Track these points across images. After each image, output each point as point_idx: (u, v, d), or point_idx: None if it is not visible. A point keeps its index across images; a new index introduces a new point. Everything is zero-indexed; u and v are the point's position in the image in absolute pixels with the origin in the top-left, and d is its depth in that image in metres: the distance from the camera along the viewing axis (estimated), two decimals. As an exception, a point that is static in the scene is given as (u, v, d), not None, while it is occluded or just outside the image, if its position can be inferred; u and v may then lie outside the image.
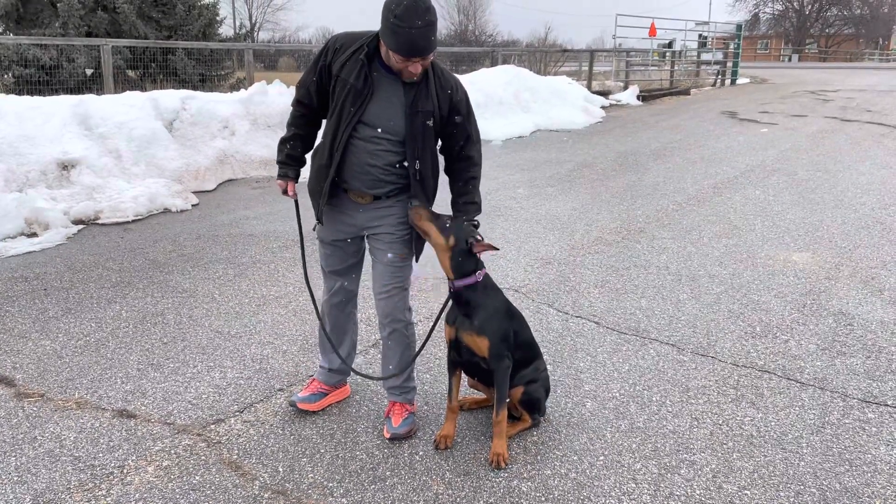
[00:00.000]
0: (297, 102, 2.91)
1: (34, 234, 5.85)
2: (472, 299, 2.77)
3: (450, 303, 2.88)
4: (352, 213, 2.89)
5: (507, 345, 2.79)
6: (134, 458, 2.79)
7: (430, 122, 2.73)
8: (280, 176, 2.94)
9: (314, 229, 3.00)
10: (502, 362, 2.77)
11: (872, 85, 23.01)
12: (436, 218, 2.75)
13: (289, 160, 2.92)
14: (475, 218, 2.87)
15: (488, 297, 2.80)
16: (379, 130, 2.73)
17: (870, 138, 11.41)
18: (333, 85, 2.74)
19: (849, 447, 2.91)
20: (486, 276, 2.83)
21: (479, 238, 2.75)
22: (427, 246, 2.92)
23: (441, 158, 2.91)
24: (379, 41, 2.67)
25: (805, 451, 2.88)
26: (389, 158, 2.77)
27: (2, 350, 3.74)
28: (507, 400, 2.84)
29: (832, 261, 5.27)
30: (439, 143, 2.88)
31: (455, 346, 2.84)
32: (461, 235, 2.73)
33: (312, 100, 2.86)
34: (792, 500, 2.58)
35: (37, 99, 7.73)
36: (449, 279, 2.79)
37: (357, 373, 3.11)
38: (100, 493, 2.58)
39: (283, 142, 2.94)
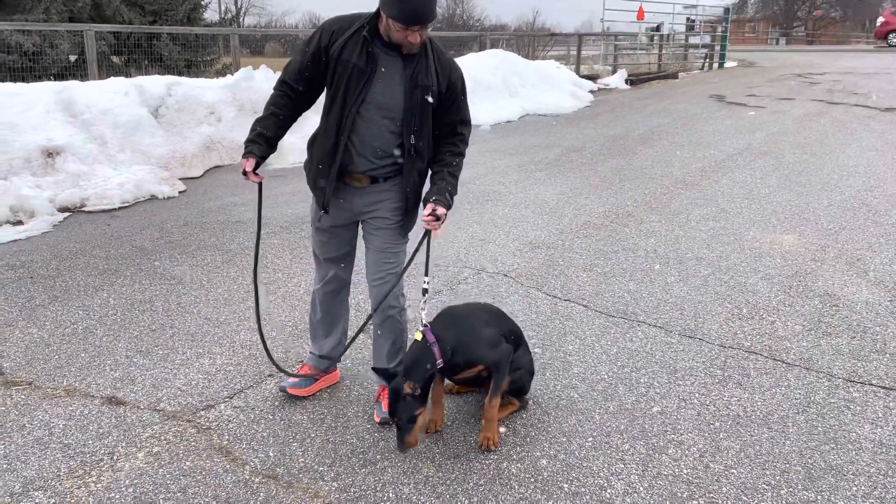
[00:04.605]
0: (283, 83, 2.80)
1: (20, 222, 5.81)
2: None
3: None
4: (349, 198, 2.87)
5: (499, 344, 2.83)
6: (124, 444, 2.79)
7: (430, 98, 2.71)
8: (245, 154, 2.74)
9: (319, 220, 2.94)
10: (497, 353, 2.79)
11: (859, 68, 23.09)
12: (412, 427, 2.59)
13: (258, 139, 2.76)
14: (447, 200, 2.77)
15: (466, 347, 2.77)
16: (383, 109, 2.70)
17: (856, 121, 11.47)
18: (333, 68, 2.69)
19: (833, 426, 2.95)
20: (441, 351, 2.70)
21: (412, 387, 2.59)
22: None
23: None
24: (377, 20, 2.65)
25: (791, 430, 2.92)
26: (390, 138, 2.75)
27: (-11, 338, 3.72)
28: (502, 388, 2.84)
29: (818, 243, 5.31)
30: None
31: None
32: (418, 376, 2.61)
33: (300, 82, 2.78)
34: (778, 478, 2.61)
35: (20, 85, 7.64)
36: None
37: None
38: (90, 479, 2.58)
39: (257, 121, 2.80)
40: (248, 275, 4.66)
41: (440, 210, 2.70)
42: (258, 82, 9.18)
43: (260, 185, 2.87)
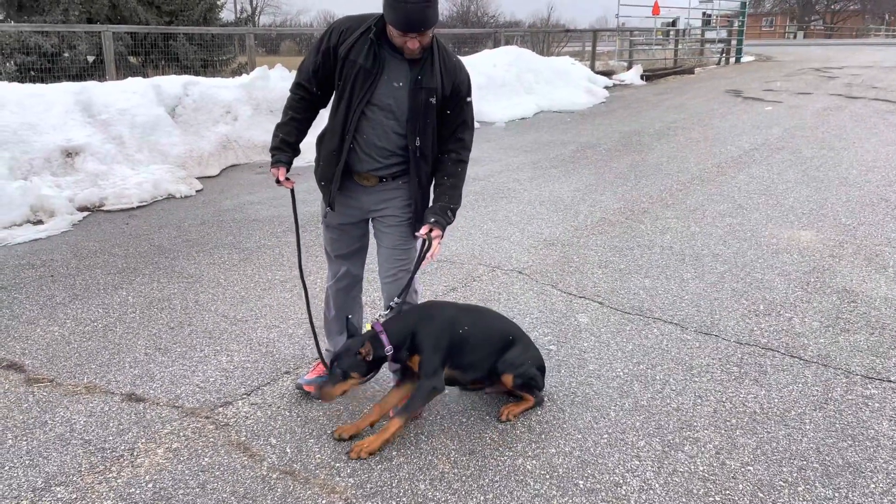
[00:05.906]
0: (298, 86, 2.85)
1: (40, 222, 5.88)
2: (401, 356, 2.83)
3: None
4: (358, 196, 2.90)
5: (441, 358, 2.81)
6: (143, 440, 2.83)
7: (433, 100, 2.72)
8: (273, 163, 2.85)
9: (325, 216, 2.98)
10: (431, 363, 2.79)
11: (878, 61, 22.83)
12: (340, 380, 2.73)
13: (283, 146, 2.84)
14: (448, 216, 2.81)
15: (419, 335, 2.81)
16: (387, 111, 2.72)
17: (875, 115, 11.34)
18: (341, 68, 2.71)
19: (851, 423, 2.93)
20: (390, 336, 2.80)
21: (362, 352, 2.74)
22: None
23: None
24: (384, 22, 2.67)
25: (808, 427, 2.90)
26: (396, 139, 2.77)
27: (11, 336, 3.78)
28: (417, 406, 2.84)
29: (836, 238, 5.27)
30: None
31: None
32: (375, 350, 2.74)
33: (313, 83, 2.82)
34: (795, 475, 2.60)
35: (39, 86, 7.73)
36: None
37: None
38: (110, 475, 2.62)
39: (278, 127, 2.87)
40: (264, 272, 4.70)
41: (436, 232, 2.75)
42: (273, 81, 9.25)
43: (292, 190, 2.93)
